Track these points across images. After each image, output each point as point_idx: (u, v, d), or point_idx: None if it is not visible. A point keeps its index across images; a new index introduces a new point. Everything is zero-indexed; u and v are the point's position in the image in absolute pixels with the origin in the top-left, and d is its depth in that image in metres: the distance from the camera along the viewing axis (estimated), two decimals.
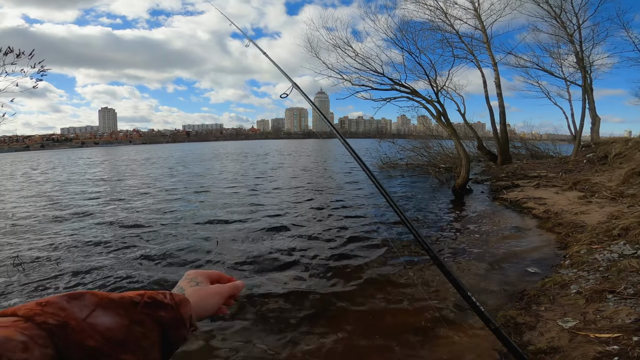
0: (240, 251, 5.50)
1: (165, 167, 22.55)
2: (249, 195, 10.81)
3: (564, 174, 10.96)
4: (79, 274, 4.64)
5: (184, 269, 4.82)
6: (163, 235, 6.43)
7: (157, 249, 5.58)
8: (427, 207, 8.71)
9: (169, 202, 9.93)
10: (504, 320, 3.04)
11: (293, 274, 4.60)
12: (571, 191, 8.47)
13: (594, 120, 16.55)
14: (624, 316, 2.44)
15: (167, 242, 5.98)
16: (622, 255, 3.79)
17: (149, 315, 0.42)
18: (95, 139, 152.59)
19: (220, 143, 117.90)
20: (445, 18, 16.41)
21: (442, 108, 11.16)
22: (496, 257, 5.01)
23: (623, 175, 8.48)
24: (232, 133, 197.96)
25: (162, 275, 4.57)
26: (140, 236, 6.41)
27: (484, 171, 15.33)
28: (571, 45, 16.19)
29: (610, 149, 11.74)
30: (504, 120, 17.09)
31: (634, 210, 5.70)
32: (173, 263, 5.07)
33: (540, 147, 20.39)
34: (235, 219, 7.61)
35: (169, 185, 13.63)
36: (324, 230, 6.62)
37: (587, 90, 16.15)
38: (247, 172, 18.69)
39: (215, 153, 41.55)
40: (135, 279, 4.46)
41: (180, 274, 0.65)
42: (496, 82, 17.02)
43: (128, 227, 7.10)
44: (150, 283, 4.35)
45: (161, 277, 4.51)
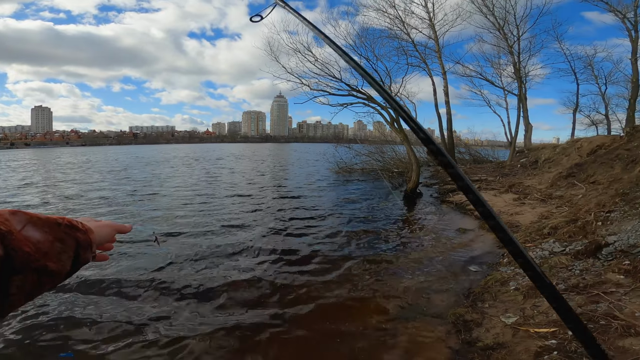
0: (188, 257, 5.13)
1: (101, 172, 20.62)
2: (201, 202, 10.24)
3: (501, 178, 11.99)
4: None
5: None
6: None
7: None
8: (380, 211, 8.94)
9: (106, 207, 9.04)
10: (454, 318, 3.15)
11: (248, 278, 4.38)
12: (507, 193, 9.26)
13: (527, 127, 18.46)
14: None
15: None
16: (552, 253, 4.16)
17: (69, 235, 0.52)
18: (26, 140, 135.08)
19: (171, 146, 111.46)
20: (403, 27, 17.30)
21: (395, 114, 11.60)
22: (444, 257, 5.25)
23: (551, 178, 9.48)
24: (185, 136, 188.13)
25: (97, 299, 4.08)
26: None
27: (432, 175, 16.23)
28: (510, 56, 17.97)
29: (540, 155, 13.13)
30: (450, 126, 18.38)
31: (561, 211, 6.35)
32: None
33: (481, 153, 22.20)
34: (181, 230, 7.13)
35: (109, 189, 12.45)
36: (281, 235, 6.46)
37: (522, 99, 17.98)
38: (199, 177, 17.78)
39: (166, 157, 39.08)
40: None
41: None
42: (445, 90, 18.27)
43: None
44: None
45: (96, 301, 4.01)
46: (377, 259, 5.23)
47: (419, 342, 2.98)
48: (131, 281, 4.35)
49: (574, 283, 3.08)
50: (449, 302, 3.70)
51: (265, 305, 3.76)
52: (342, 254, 5.46)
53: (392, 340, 3.04)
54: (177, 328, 3.29)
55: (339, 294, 4.01)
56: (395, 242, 6.18)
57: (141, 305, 3.76)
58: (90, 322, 3.37)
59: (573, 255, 3.81)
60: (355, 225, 7.43)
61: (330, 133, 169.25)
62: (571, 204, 6.58)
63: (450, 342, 2.87)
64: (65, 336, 3.13)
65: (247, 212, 8.66)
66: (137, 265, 4.88)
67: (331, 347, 2.99)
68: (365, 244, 6.07)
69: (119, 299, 3.90)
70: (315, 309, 3.68)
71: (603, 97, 20.58)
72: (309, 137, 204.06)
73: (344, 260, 5.19)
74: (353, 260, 5.16)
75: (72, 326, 3.30)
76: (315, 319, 3.48)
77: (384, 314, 3.51)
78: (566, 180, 8.63)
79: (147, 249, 5.56)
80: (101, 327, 3.29)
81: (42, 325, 3.29)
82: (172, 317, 3.50)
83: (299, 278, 4.50)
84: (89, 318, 3.45)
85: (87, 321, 3.38)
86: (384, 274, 4.64)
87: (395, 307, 3.66)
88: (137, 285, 4.23)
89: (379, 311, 3.59)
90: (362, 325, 3.31)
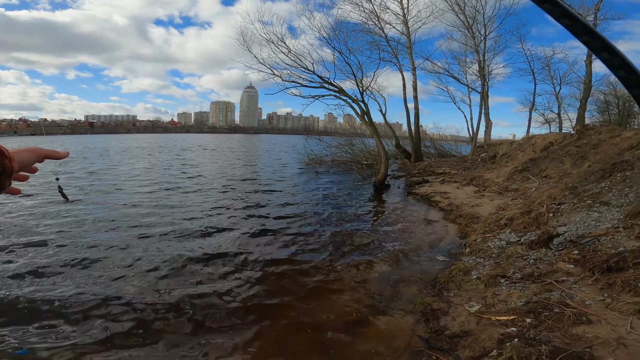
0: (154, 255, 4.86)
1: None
2: (164, 196, 9.74)
3: (463, 171, 12.59)
4: None
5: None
6: (66, 245, 5.30)
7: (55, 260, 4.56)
8: (349, 201, 9.05)
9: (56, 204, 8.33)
10: (422, 307, 3.26)
11: (220, 272, 4.24)
12: (469, 186, 9.74)
13: (487, 124, 19.47)
14: (515, 299, 2.82)
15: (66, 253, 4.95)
16: (509, 243, 4.44)
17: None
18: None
19: (132, 136, 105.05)
20: (377, 21, 17.39)
21: (366, 107, 11.74)
22: (410, 247, 5.43)
23: (508, 172, 10.09)
24: (147, 125, 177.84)
25: (74, 291, 3.74)
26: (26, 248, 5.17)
27: (400, 168, 16.71)
28: (476, 54, 18.75)
29: (498, 150, 13.92)
30: (417, 121, 18.91)
31: (516, 203, 6.79)
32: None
33: (445, 147, 23.15)
34: (146, 223, 6.74)
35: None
36: (253, 225, 6.32)
37: (484, 96, 18.90)
38: (162, 169, 16.93)
39: (125, 147, 36.77)
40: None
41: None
42: (414, 86, 18.72)
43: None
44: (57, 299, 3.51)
45: (72, 293, 3.68)
46: (346, 249, 5.29)
47: (388, 331, 3.06)
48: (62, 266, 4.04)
49: (529, 272, 3.30)
50: (416, 291, 3.83)
51: (235, 296, 3.66)
52: (311, 246, 5.46)
53: (362, 330, 3.10)
54: (135, 314, 3.11)
55: (308, 286, 4.01)
56: (363, 233, 6.28)
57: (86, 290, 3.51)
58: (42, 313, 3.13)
59: (528, 245, 4.08)
60: (324, 215, 7.46)
61: (300, 125, 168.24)
62: (525, 197, 7.04)
63: (419, 330, 2.97)
64: (18, 333, 2.95)
65: (213, 207, 8.37)
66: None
67: (302, 337, 2.98)
68: (334, 234, 6.11)
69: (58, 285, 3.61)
70: (284, 300, 3.66)
71: (557, 96, 22.22)
72: (279, 128, 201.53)
73: (312, 252, 5.20)
74: (322, 252, 5.18)
75: (21, 322, 3.04)
76: (284, 310, 3.46)
77: (354, 304, 3.55)
78: (521, 174, 9.23)
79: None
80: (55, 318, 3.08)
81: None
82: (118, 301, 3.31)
83: (266, 269, 4.45)
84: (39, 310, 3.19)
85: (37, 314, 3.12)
86: (352, 264, 4.70)
87: (365, 298, 3.72)
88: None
89: (348, 302, 3.63)
90: (332, 316, 3.34)
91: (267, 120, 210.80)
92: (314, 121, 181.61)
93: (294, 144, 19.44)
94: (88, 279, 4.11)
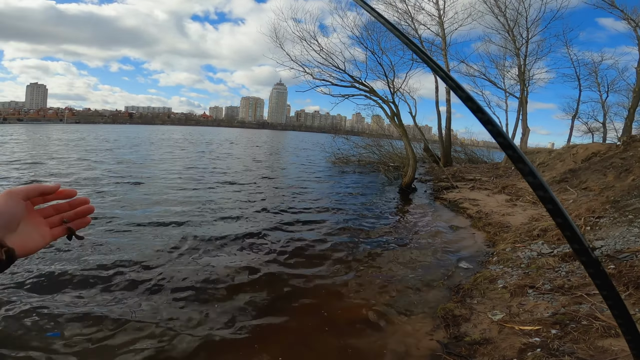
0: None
1: (91, 151, 20.33)
2: (191, 188, 10.20)
3: (495, 179, 12.13)
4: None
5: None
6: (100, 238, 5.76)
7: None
8: (375, 203, 9.03)
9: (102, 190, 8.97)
10: (443, 313, 3.24)
11: (244, 266, 4.43)
12: (500, 194, 9.39)
13: (524, 130, 18.57)
14: (542, 310, 2.74)
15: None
16: (540, 254, 4.27)
17: None
18: (19, 115, 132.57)
19: (167, 127, 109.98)
20: (411, 22, 17.11)
21: (396, 109, 11.61)
22: (435, 253, 5.35)
23: None
24: (181, 118, 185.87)
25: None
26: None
27: (427, 172, 16.36)
28: (516, 58, 17.92)
29: (535, 158, 13.28)
30: (449, 125, 18.41)
31: None
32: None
33: (476, 153, 22.35)
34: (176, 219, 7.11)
35: (100, 171, 12.32)
36: (276, 224, 6.50)
37: (523, 102, 18.04)
38: (192, 160, 17.66)
39: (161, 138, 38.61)
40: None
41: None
42: (447, 89, 18.21)
43: None
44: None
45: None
46: (369, 251, 5.31)
47: (407, 335, 3.07)
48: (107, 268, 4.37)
49: (560, 284, 3.18)
50: (438, 297, 3.80)
51: (253, 294, 3.81)
52: (334, 246, 5.52)
53: (381, 333, 3.13)
54: (165, 315, 3.33)
55: (330, 286, 4.08)
56: (388, 236, 6.26)
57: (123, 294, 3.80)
58: (75, 303, 3.40)
59: (560, 257, 3.92)
60: (349, 216, 7.50)
61: (328, 123, 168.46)
62: None
63: (438, 335, 2.96)
64: (51, 317, 3.13)
65: (240, 201, 8.66)
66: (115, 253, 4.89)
67: (320, 338, 3.05)
68: (358, 236, 6.15)
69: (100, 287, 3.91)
70: (304, 300, 3.74)
71: (603, 105, 20.75)
72: (306, 126, 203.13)
73: (335, 251, 5.26)
74: (345, 252, 5.23)
75: (58, 307, 3.30)
76: (304, 310, 3.53)
77: (374, 306, 3.58)
78: (559, 185, 8.77)
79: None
80: (86, 307, 3.32)
81: (28, 307, 3.26)
82: (156, 306, 3.55)
83: (287, 269, 4.54)
84: (74, 300, 3.48)
85: (72, 303, 3.41)
86: (375, 266, 4.72)
87: (386, 300, 3.74)
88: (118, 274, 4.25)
89: (368, 303, 3.66)
90: (351, 317, 3.38)
91: (294, 117, 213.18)
92: (341, 120, 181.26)
93: (320, 142, 19.55)
94: (115, 267, 4.43)
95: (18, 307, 3.21)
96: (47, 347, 2.70)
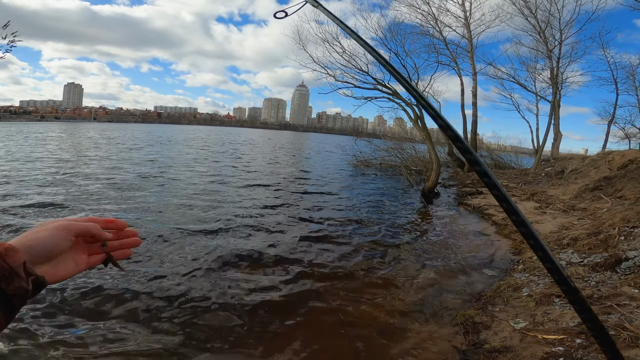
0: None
1: (123, 149, 21.34)
2: (214, 190, 10.52)
3: (524, 185, 11.69)
4: None
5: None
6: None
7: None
8: (396, 207, 8.95)
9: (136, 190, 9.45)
10: (463, 319, 3.20)
11: (263, 270, 4.56)
12: (528, 201, 9.05)
13: (556, 136, 17.75)
14: (568, 319, 2.66)
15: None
16: (569, 263, 4.11)
17: None
18: (56, 114, 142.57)
19: (192, 127, 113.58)
20: (436, 24, 16.85)
21: (420, 112, 11.46)
22: (458, 259, 5.26)
23: (577, 190, 9.18)
24: (206, 118, 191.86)
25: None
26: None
27: (451, 176, 15.99)
28: (548, 60, 17.16)
29: (567, 165, 12.69)
30: (475, 129, 17.90)
31: (583, 223, 6.20)
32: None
33: (504, 158, 21.58)
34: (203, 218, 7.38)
35: (136, 169, 12.96)
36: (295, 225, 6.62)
37: (555, 106, 17.25)
38: (221, 161, 18.18)
39: (187, 137, 39.99)
40: None
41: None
42: (473, 92, 17.74)
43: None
44: None
45: None
46: (391, 254, 5.30)
47: (425, 339, 3.05)
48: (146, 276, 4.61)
49: (589, 294, 3.06)
50: (458, 303, 3.74)
51: (276, 291, 3.91)
52: (355, 248, 5.54)
53: (399, 335, 3.13)
54: (185, 315, 3.49)
55: (349, 286, 4.11)
56: (409, 240, 6.21)
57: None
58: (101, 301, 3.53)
59: (591, 267, 3.76)
60: (371, 219, 7.49)
61: (349, 125, 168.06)
62: (594, 217, 6.40)
63: (456, 342, 2.93)
64: (76, 314, 3.20)
65: (260, 204, 8.85)
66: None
67: (337, 336, 3.09)
68: (379, 239, 6.14)
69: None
70: (323, 299, 3.79)
71: None
72: (327, 128, 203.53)
73: (356, 253, 5.28)
74: (365, 254, 5.24)
75: (82, 305, 3.37)
76: (323, 309, 3.58)
77: (393, 309, 3.59)
78: (592, 193, 8.35)
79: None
80: (108, 303, 3.46)
81: (54, 303, 3.35)
82: (184, 306, 3.72)
83: (308, 268, 4.61)
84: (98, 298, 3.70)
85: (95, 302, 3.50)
86: (396, 269, 4.71)
87: (405, 303, 3.73)
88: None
89: (388, 305, 3.67)
90: (370, 318, 3.40)
91: (316, 119, 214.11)
92: (363, 122, 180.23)
93: (342, 144, 19.56)
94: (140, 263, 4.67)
95: (42, 307, 3.29)
96: (71, 345, 2.77)
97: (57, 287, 3.49)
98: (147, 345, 2.82)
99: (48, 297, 3.35)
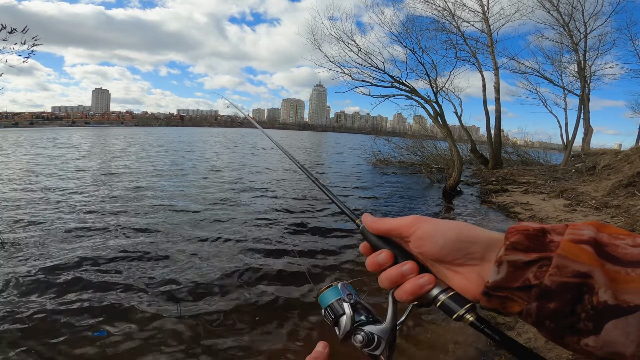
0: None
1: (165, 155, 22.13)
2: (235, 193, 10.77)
3: (552, 182, 11.20)
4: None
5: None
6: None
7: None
8: (417, 205, 8.84)
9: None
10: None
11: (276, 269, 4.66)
12: (558, 199, 8.68)
13: (586, 130, 16.88)
14: None
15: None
16: None
17: None
18: (86, 119, 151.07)
19: (214, 129, 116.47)
20: (452, 19, 16.44)
21: (439, 109, 11.25)
22: None
23: (609, 186, 8.71)
24: (227, 120, 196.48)
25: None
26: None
27: (474, 174, 15.55)
28: (575, 54, 16.38)
29: (599, 160, 12.04)
30: (499, 125, 17.32)
31: (616, 221, 5.89)
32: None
33: (531, 155, 20.75)
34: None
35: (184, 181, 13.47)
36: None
37: (584, 100, 16.43)
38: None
39: (213, 140, 40.97)
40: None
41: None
42: (495, 87, 17.17)
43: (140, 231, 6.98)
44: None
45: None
46: None
47: (447, 340, 3.03)
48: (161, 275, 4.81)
49: None
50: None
51: (289, 293, 3.98)
52: None
53: (422, 337, 3.11)
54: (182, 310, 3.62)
55: (371, 285, 4.11)
56: None
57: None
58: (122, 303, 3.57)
59: None
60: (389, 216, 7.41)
61: (368, 124, 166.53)
62: (628, 214, 6.06)
63: (479, 343, 2.90)
64: (97, 315, 3.26)
65: (279, 203, 8.98)
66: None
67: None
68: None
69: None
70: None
71: None
72: (346, 127, 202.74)
73: None
74: None
75: (104, 307, 3.40)
76: None
77: (414, 311, 3.55)
78: (626, 189, 7.90)
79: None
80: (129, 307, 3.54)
81: (74, 305, 3.40)
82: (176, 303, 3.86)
83: (325, 271, 4.65)
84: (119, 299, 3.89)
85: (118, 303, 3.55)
86: None
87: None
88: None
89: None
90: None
91: (335, 119, 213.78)
92: (382, 121, 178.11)
93: (361, 143, 19.43)
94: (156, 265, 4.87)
95: (65, 306, 3.38)
96: (95, 346, 2.83)
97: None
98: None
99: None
